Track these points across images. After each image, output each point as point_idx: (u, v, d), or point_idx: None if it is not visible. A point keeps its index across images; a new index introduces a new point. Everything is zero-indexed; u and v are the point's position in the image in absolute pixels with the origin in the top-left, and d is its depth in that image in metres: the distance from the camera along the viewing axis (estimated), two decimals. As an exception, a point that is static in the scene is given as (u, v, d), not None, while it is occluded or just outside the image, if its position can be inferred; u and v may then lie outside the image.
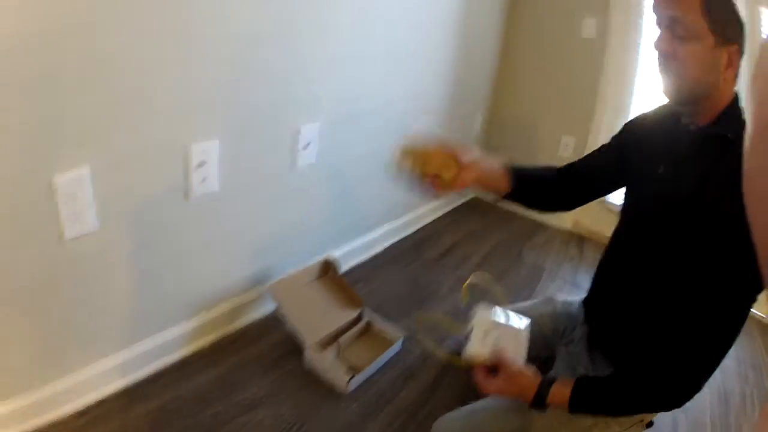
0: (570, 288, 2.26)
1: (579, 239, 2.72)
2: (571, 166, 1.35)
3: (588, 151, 1.34)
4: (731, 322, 0.95)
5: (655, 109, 1.20)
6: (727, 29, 0.96)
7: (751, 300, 0.94)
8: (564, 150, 2.78)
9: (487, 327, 1.06)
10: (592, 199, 1.34)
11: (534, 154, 2.92)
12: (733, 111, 1.02)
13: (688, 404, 0.97)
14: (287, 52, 1.37)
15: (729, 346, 0.96)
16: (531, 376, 1.07)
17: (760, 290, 0.94)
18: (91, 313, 1.15)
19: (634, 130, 1.28)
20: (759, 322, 2.20)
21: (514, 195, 1.28)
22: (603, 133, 2.59)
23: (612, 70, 2.55)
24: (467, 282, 1.06)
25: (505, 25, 2.75)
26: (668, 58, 1.01)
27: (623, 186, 1.24)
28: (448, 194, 1.10)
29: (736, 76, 1.02)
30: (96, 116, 0.99)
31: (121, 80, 1.00)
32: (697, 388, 0.97)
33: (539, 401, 1.03)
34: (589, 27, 2.55)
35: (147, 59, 1.03)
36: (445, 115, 2.42)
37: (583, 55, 2.61)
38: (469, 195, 3.10)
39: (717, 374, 0.92)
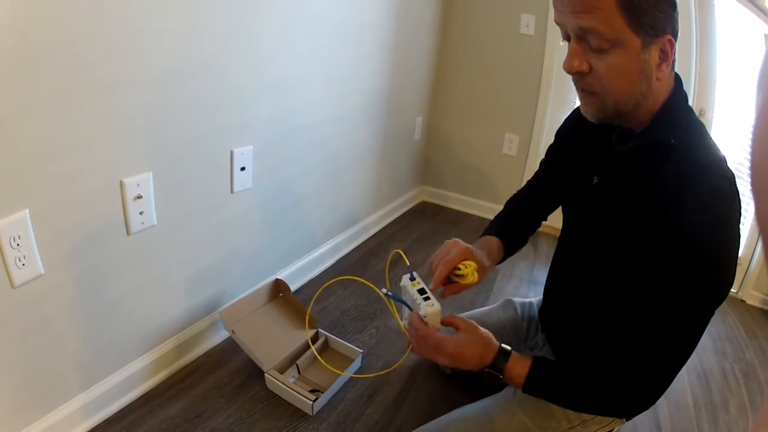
0: (528, 285, 2.37)
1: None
2: (525, 194, 1.43)
3: (532, 147, 1.38)
4: (688, 327, 0.91)
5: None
6: (656, 20, 0.84)
7: (709, 305, 0.90)
8: (508, 148, 2.93)
9: (420, 289, 1.04)
10: (556, 208, 1.39)
11: (478, 153, 3.05)
12: (672, 109, 0.94)
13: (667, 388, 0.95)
14: (217, 83, 1.43)
15: (686, 355, 0.93)
16: (491, 335, 1.04)
17: (719, 295, 0.91)
18: (48, 360, 1.18)
19: (564, 139, 1.28)
20: (729, 296, 2.34)
21: (507, 256, 1.33)
22: (546, 129, 2.75)
23: (552, 65, 2.69)
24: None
25: (441, 24, 2.87)
26: (584, 76, 0.92)
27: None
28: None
29: (672, 66, 0.92)
30: (29, 159, 1.03)
31: (49, 123, 1.04)
32: (649, 399, 0.97)
33: (496, 369, 1.01)
34: (527, 23, 2.69)
35: (75, 105, 1.08)
36: (382, 126, 2.52)
37: (522, 51, 2.75)
38: (416, 200, 3.23)
39: (693, 355, 0.91)
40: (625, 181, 1.00)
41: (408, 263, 1.10)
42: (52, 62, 1.01)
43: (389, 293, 1.06)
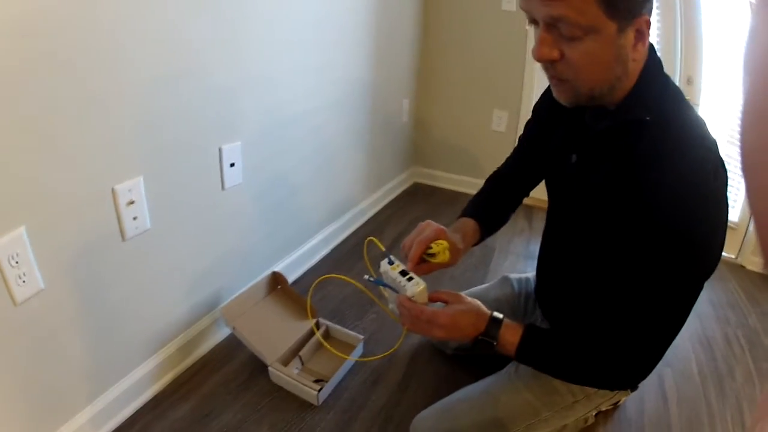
0: (525, 261, 2.38)
1: (526, 210, 2.86)
2: (504, 171, 1.43)
3: (521, 123, 1.37)
4: (673, 303, 0.91)
5: None
6: (633, 3, 0.80)
7: (694, 280, 0.89)
8: (497, 124, 2.92)
9: (401, 271, 1.05)
10: (537, 184, 1.39)
11: (467, 131, 3.05)
12: (646, 83, 0.91)
13: (671, 357, 0.91)
14: (200, 83, 1.42)
15: (673, 329, 0.94)
16: (480, 304, 1.04)
17: (705, 270, 0.89)
18: (54, 374, 1.19)
19: (542, 113, 1.26)
20: (728, 263, 2.40)
21: (485, 237, 1.32)
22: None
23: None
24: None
25: (423, 5, 2.84)
26: (556, 63, 0.87)
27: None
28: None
29: (648, 44, 0.89)
30: (22, 176, 1.03)
31: (37, 139, 1.04)
32: (637, 372, 0.99)
33: (490, 336, 1.00)
34: (508, -2, 2.65)
35: (61, 118, 1.08)
36: (369, 111, 2.51)
37: (506, 27, 2.73)
38: (408, 182, 3.24)
39: (696, 322, 0.87)
40: (603, 160, 0.99)
41: (383, 249, 1.12)
42: (38, 78, 1.01)
43: (371, 279, 1.08)
